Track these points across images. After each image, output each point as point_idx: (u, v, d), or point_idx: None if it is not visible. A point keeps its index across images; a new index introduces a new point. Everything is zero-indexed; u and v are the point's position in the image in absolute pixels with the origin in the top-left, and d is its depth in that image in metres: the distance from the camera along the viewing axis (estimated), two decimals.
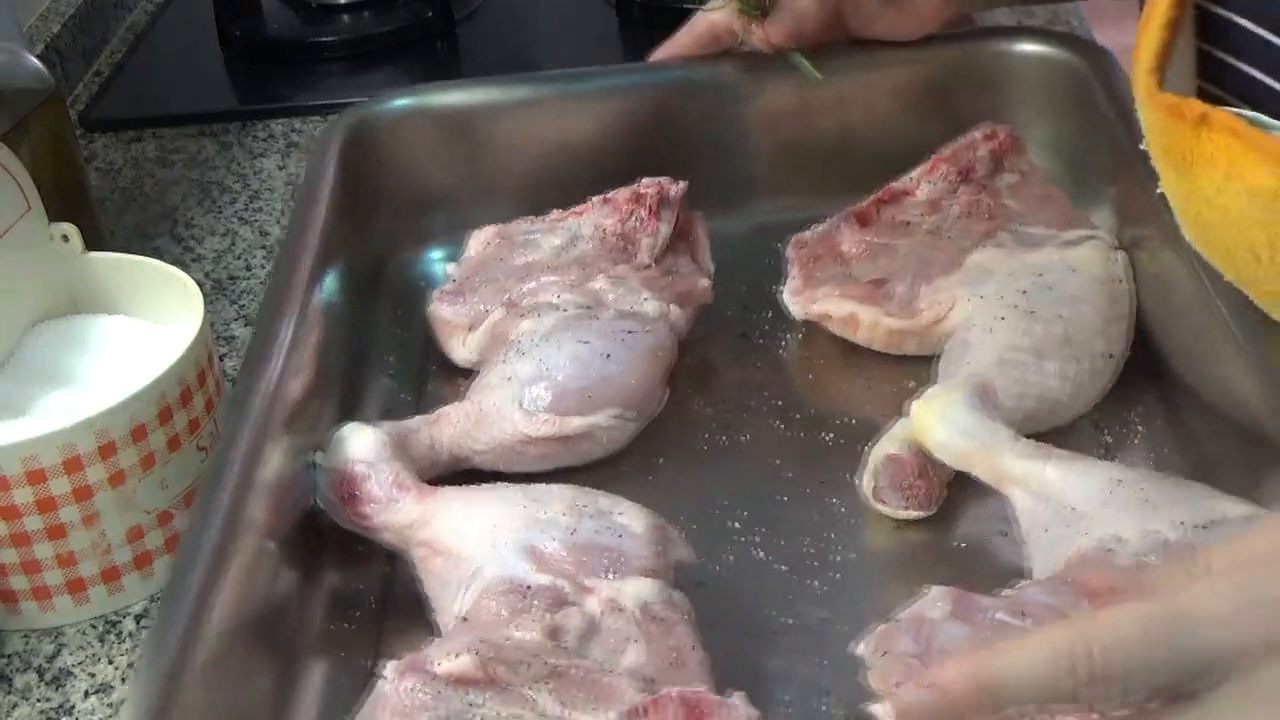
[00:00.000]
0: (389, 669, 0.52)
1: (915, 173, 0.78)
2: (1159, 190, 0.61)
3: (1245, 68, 0.60)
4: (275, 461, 0.61)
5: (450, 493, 0.63)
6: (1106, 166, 0.78)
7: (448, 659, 0.51)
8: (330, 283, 0.74)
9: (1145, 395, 0.71)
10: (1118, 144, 0.76)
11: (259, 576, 0.59)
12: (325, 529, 0.65)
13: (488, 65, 1.06)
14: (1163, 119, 0.56)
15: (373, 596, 0.64)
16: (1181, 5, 0.58)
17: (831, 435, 0.71)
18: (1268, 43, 0.60)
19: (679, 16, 0.86)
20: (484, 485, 0.64)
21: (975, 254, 0.74)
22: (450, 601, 0.58)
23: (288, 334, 0.66)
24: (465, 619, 0.55)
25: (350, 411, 0.71)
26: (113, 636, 0.64)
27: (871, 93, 0.84)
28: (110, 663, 0.62)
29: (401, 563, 0.64)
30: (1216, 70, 0.61)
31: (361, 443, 0.64)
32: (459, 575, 0.58)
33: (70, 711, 0.61)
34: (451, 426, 0.67)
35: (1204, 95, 0.61)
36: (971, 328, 0.70)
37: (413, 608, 0.62)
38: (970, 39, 0.87)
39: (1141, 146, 0.61)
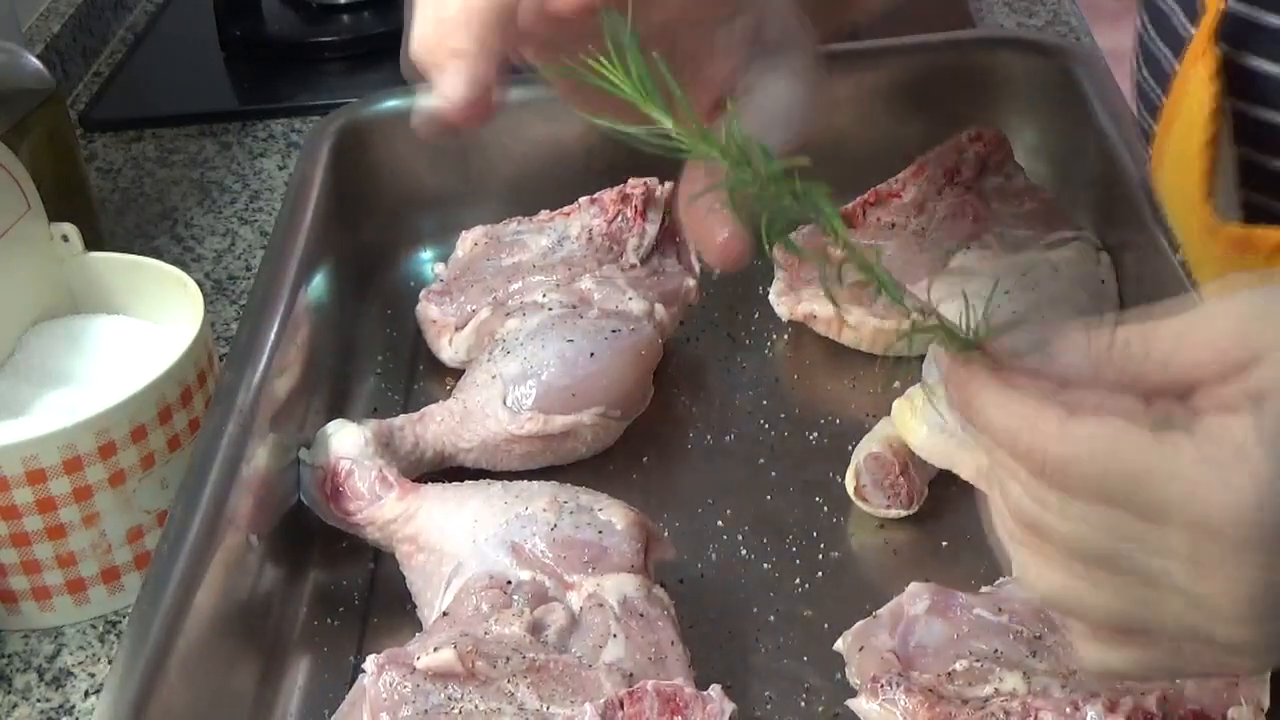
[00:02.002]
0: (369, 663, 0.53)
1: (902, 175, 0.79)
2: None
3: None
4: (260, 457, 0.62)
5: (433, 489, 0.63)
6: (1092, 169, 0.79)
7: (428, 653, 0.52)
8: (320, 282, 0.75)
9: None
10: (1104, 147, 0.77)
11: (242, 571, 0.59)
12: (310, 525, 0.66)
13: None
14: (1227, 251, 0.51)
15: (356, 592, 0.65)
16: (1219, 118, 0.52)
17: (817, 435, 0.71)
18: None
19: None
20: (467, 482, 0.64)
21: (960, 255, 0.75)
22: (433, 597, 0.59)
23: (275, 331, 0.67)
24: (446, 614, 0.56)
25: (339, 409, 0.72)
26: (113, 636, 0.64)
27: (860, 95, 0.84)
28: (110, 663, 0.62)
29: (386, 559, 0.65)
30: (1253, 172, 0.54)
31: (346, 440, 0.65)
32: (441, 571, 0.59)
33: (70, 711, 0.61)
34: (437, 424, 0.68)
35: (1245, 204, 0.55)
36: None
37: (396, 603, 0.63)
38: (959, 42, 0.87)
39: (1178, 256, 0.56)
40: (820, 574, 0.63)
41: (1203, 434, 0.37)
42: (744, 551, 0.65)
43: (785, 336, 0.77)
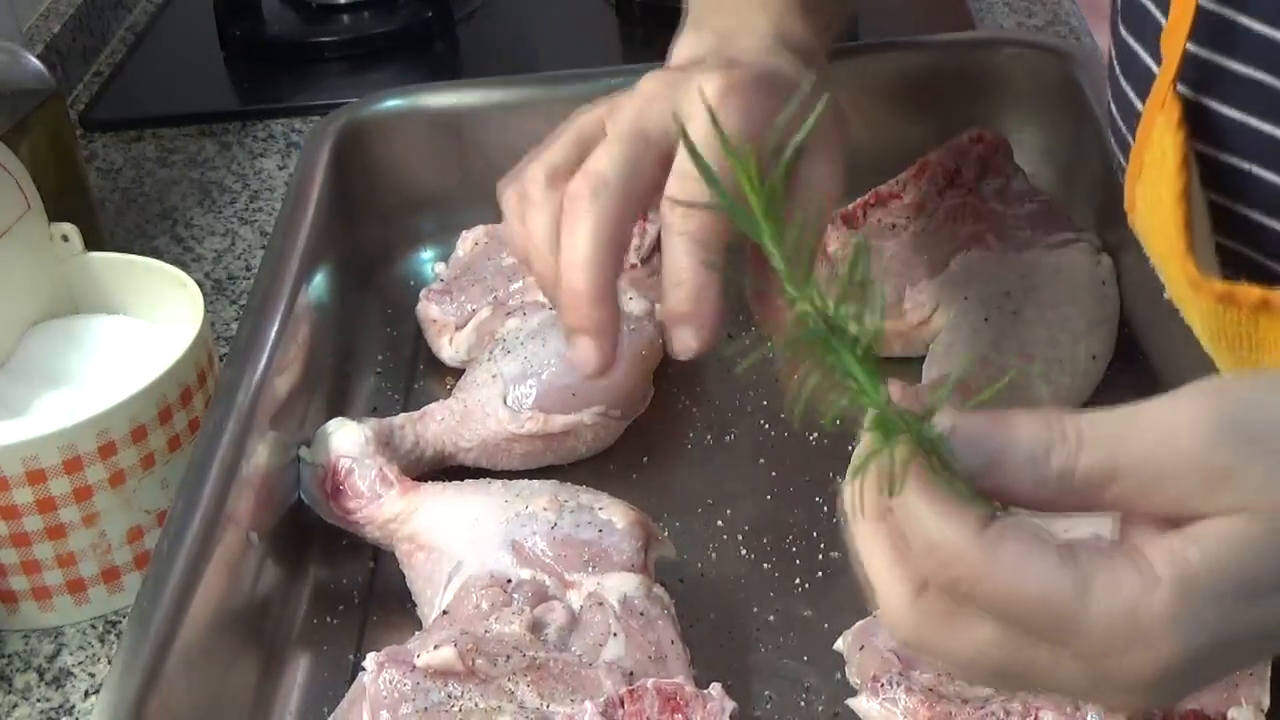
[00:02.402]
0: (369, 661, 0.53)
1: (902, 176, 0.79)
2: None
3: (1260, 217, 0.52)
4: (260, 456, 0.62)
5: (434, 488, 0.63)
6: (1094, 170, 0.79)
7: (428, 651, 0.52)
8: (320, 281, 0.75)
9: (1129, 398, 0.70)
10: (1105, 148, 0.76)
11: (242, 570, 0.60)
12: (310, 524, 0.66)
13: (487, 65, 1.07)
14: (1213, 306, 0.49)
15: (356, 591, 0.65)
16: (1188, 169, 0.51)
17: (816, 435, 0.71)
18: None
19: (679, 16, 0.86)
20: (467, 481, 0.65)
21: (961, 257, 0.75)
22: (433, 595, 0.59)
23: (275, 330, 0.67)
24: (446, 612, 0.56)
25: (338, 408, 0.72)
26: (113, 636, 0.64)
27: (861, 96, 0.84)
28: (110, 663, 0.62)
29: (385, 557, 0.65)
30: (1223, 219, 0.53)
31: (346, 438, 0.65)
32: (442, 569, 0.59)
33: (70, 711, 0.61)
34: (437, 423, 0.68)
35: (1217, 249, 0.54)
36: (956, 329, 0.71)
37: (396, 602, 0.63)
38: (961, 43, 0.87)
39: (1165, 297, 0.55)
40: (820, 574, 0.63)
41: (1124, 599, 0.37)
42: (744, 551, 0.65)
43: None
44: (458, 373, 0.74)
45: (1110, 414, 0.38)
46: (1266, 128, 0.51)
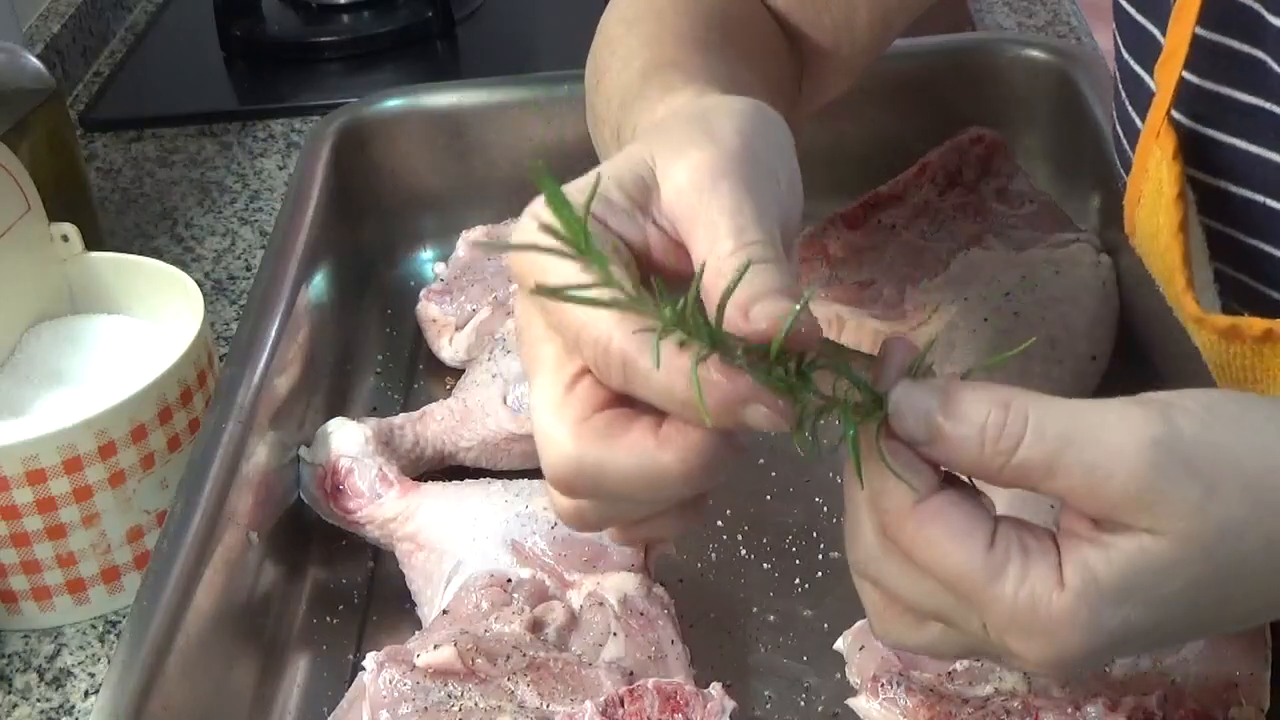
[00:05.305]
0: (369, 660, 0.53)
1: (903, 177, 0.79)
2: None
3: (1266, 247, 0.52)
4: (260, 455, 0.62)
5: (433, 488, 0.64)
6: (1094, 170, 0.79)
7: (428, 651, 0.52)
8: (320, 281, 0.75)
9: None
10: (1105, 148, 0.77)
11: (242, 569, 0.60)
12: (310, 524, 0.66)
13: (488, 65, 1.07)
14: (1216, 340, 0.50)
15: (356, 591, 0.65)
16: (1185, 202, 0.51)
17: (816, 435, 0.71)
18: None
19: None
20: (467, 481, 0.65)
21: (961, 257, 0.75)
22: (433, 595, 0.59)
23: (275, 330, 0.67)
24: (446, 612, 0.56)
25: (338, 408, 0.73)
26: (113, 636, 0.64)
27: (861, 96, 0.84)
28: (110, 663, 0.63)
29: (385, 557, 0.65)
30: (1225, 247, 0.53)
31: (346, 438, 0.65)
32: (441, 569, 0.59)
33: (70, 711, 0.61)
34: (437, 423, 0.68)
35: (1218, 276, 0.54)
36: (956, 329, 0.71)
37: (396, 602, 0.63)
38: (961, 43, 0.87)
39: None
40: (820, 574, 0.63)
41: (1027, 594, 0.40)
42: (744, 551, 0.65)
43: None
44: (457, 373, 0.74)
45: (1062, 410, 0.40)
46: (1277, 158, 0.51)
